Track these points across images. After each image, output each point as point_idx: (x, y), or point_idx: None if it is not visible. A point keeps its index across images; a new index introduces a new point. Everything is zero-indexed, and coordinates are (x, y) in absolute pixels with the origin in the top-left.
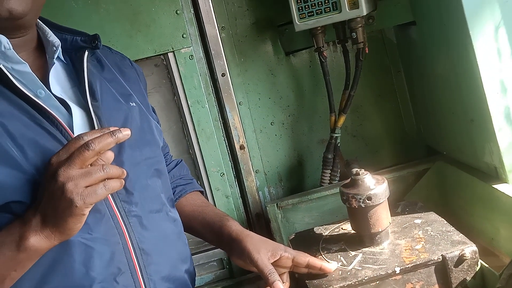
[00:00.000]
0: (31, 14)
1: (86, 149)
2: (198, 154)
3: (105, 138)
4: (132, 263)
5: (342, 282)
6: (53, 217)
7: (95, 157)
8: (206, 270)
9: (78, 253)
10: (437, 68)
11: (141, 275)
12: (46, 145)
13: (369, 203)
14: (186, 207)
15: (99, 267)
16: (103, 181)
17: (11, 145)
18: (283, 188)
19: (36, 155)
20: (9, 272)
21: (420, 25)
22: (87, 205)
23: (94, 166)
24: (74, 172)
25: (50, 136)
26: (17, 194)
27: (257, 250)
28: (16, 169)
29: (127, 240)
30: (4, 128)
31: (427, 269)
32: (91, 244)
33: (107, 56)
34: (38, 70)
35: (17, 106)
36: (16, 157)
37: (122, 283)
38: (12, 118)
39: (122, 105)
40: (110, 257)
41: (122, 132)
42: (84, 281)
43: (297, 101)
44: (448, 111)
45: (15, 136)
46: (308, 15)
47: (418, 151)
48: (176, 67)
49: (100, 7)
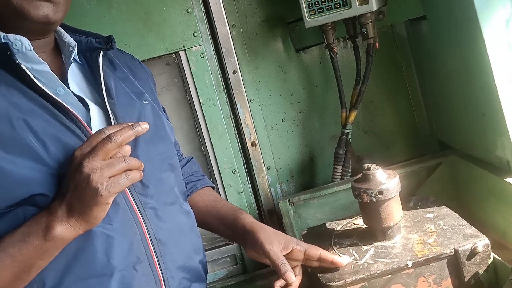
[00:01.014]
0: (60, 21)
1: (108, 141)
2: (210, 151)
3: (126, 131)
4: (149, 252)
5: (355, 275)
6: (79, 206)
7: (116, 149)
8: (219, 266)
9: (100, 243)
10: (448, 62)
11: (158, 264)
12: (66, 140)
13: (380, 197)
14: (199, 202)
15: (119, 256)
16: (125, 172)
17: (34, 141)
18: (295, 184)
19: (58, 150)
20: (36, 261)
21: (431, 19)
22: (111, 194)
23: (116, 158)
24: (98, 163)
25: (70, 132)
26: (40, 187)
27: (269, 242)
28: (39, 163)
29: (144, 230)
30: (27, 124)
31: (440, 263)
32: (111, 234)
33: (118, 57)
34: (56, 70)
35: (38, 103)
36: (39, 151)
37: (141, 271)
38: (34, 115)
39: (136, 103)
40: (129, 246)
41: (141, 125)
42: (105, 269)
43: (308, 97)
44: (460, 106)
45: (38, 132)
46: (318, 11)
47: (430, 146)
48: (187, 65)
49: (112, 7)
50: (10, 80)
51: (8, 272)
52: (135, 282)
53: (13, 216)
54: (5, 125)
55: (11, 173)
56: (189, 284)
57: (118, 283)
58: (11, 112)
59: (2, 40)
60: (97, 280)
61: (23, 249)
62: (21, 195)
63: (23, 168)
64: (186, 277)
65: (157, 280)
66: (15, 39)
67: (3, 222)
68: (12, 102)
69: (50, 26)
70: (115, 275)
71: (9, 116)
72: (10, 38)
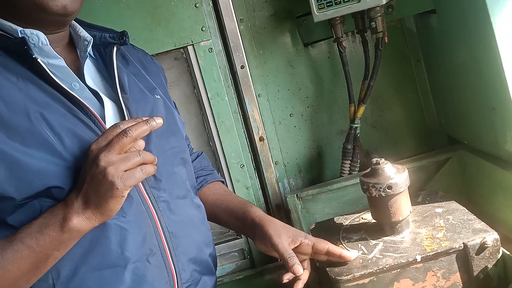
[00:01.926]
0: (77, 12)
1: (124, 135)
2: (218, 146)
3: (141, 126)
4: (162, 245)
5: (363, 270)
6: (95, 199)
7: (132, 143)
8: (227, 260)
9: (114, 235)
10: (458, 56)
11: (171, 256)
12: (82, 134)
13: (389, 192)
14: (209, 196)
15: (133, 247)
16: (140, 165)
17: (50, 134)
18: (303, 179)
19: (73, 144)
20: (52, 252)
21: (440, 13)
22: (126, 187)
23: (131, 152)
24: (114, 157)
25: (85, 126)
26: (56, 180)
27: (278, 235)
28: (56, 156)
29: (157, 223)
30: (44, 117)
31: (449, 257)
32: (125, 226)
33: (130, 51)
34: (71, 65)
35: (54, 97)
36: (55, 145)
37: (154, 263)
38: (50, 109)
39: (148, 97)
40: (143, 238)
41: (155, 120)
42: (119, 261)
43: (316, 92)
44: (469, 100)
45: (54, 125)
46: (327, 5)
47: (438, 140)
48: (195, 60)
49: (120, 1)
50: (26, 74)
51: (26, 263)
52: (148, 274)
53: (30, 208)
54: (22, 118)
55: (28, 165)
56: (200, 276)
57: (132, 274)
58: (28, 106)
59: (19, 35)
60: (111, 271)
61: (40, 240)
62: (38, 187)
63: (39, 160)
64: (197, 269)
65: (169, 272)
66: (32, 34)
67: (21, 214)
68: (29, 96)
69: (67, 18)
70: (128, 266)
71: (26, 109)
72: (27, 33)
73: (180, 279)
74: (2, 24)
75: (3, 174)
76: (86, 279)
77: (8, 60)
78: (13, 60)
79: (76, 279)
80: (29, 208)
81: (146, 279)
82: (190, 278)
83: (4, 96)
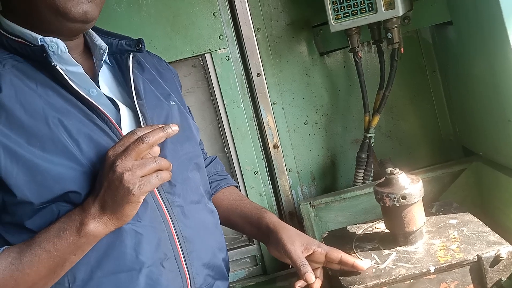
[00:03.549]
0: (95, 19)
1: (141, 142)
2: (233, 152)
3: (157, 133)
4: (176, 249)
5: (376, 279)
6: (112, 204)
7: (148, 150)
8: (239, 267)
9: (129, 239)
10: (474, 68)
11: (185, 261)
12: (98, 139)
13: (403, 202)
14: (223, 201)
15: (147, 252)
16: (155, 172)
17: (68, 140)
18: (316, 187)
19: (91, 149)
20: (69, 256)
21: (457, 25)
22: (142, 193)
23: (147, 158)
24: (130, 163)
25: (102, 132)
26: (73, 185)
27: (291, 242)
28: (73, 162)
29: (171, 228)
30: (62, 123)
31: (462, 269)
32: (140, 231)
33: (145, 58)
34: (88, 71)
35: (72, 104)
36: (73, 150)
37: (168, 267)
38: (69, 115)
39: (164, 104)
40: (157, 243)
41: (171, 127)
42: (134, 265)
43: (331, 101)
44: (485, 112)
45: (72, 131)
46: (344, 16)
47: (453, 151)
48: (212, 67)
49: (141, 10)
50: (46, 81)
51: (44, 267)
52: (162, 278)
53: (48, 212)
54: (41, 124)
55: (47, 170)
56: (213, 281)
57: (146, 278)
58: (47, 112)
59: (39, 42)
60: (126, 275)
61: (57, 244)
62: (56, 192)
63: (58, 166)
64: (210, 274)
65: (183, 277)
66: (51, 42)
67: (39, 218)
68: (48, 102)
69: (87, 25)
70: (143, 270)
71: (45, 115)
72: (46, 41)
73: (194, 283)
74: (22, 32)
75: (23, 179)
76: (101, 283)
77: (28, 67)
78: (32, 67)
79: (92, 283)
80: (47, 213)
81: (160, 283)
82: (204, 283)
83: (24, 103)
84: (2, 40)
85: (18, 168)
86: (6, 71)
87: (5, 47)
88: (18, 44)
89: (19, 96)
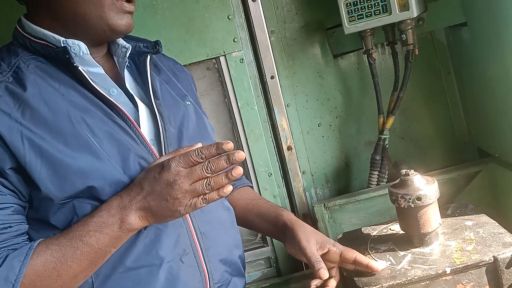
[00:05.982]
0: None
1: (206, 172)
2: (247, 154)
3: (221, 163)
4: (194, 245)
5: (391, 280)
6: (156, 212)
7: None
8: (253, 268)
9: (150, 235)
10: (489, 69)
11: (203, 257)
12: (118, 137)
13: (418, 203)
14: (239, 201)
15: (167, 247)
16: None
17: (91, 136)
18: (330, 189)
19: (111, 146)
20: (110, 249)
21: (471, 26)
22: (187, 212)
23: (202, 184)
24: (187, 187)
25: (121, 129)
26: (94, 180)
27: (307, 239)
28: (95, 157)
29: (190, 224)
30: (84, 121)
31: (478, 270)
32: (160, 227)
33: (162, 61)
34: (109, 72)
35: (93, 103)
36: (94, 146)
37: (187, 263)
38: (90, 113)
39: (180, 104)
40: (176, 239)
41: (236, 155)
42: (155, 260)
43: (345, 103)
44: (500, 113)
45: (93, 128)
46: (358, 17)
47: (469, 153)
48: (227, 70)
49: (157, 13)
50: (68, 81)
51: (86, 259)
52: (181, 273)
53: (71, 208)
54: (65, 121)
55: (70, 165)
56: (230, 277)
57: (166, 273)
58: (70, 110)
59: (62, 44)
60: (147, 270)
61: (100, 239)
62: (78, 187)
63: (80, 161)
64: (227, 270)
65: (201, 272)
66: (73, 44)
67: (62, 214)
68: (70, 101)
69: (120, 36)
70: (163, 265)
71: (68, 113)
72: (68, 43)
73: (212, 279)
74: (45, 34)
75: (46, 173)
76: (123, 277)
77: (51, 68)
78: (55, 68)
79: (114, 277)
80: (69, 209)
81: (179, 279)
82: (221, 279)
83: (47, 101)
84: (25, 42)
85: (42, 162)
86: (30, 71)
87: (28, 49)
88: (41, 46)
89: (43, 95)
